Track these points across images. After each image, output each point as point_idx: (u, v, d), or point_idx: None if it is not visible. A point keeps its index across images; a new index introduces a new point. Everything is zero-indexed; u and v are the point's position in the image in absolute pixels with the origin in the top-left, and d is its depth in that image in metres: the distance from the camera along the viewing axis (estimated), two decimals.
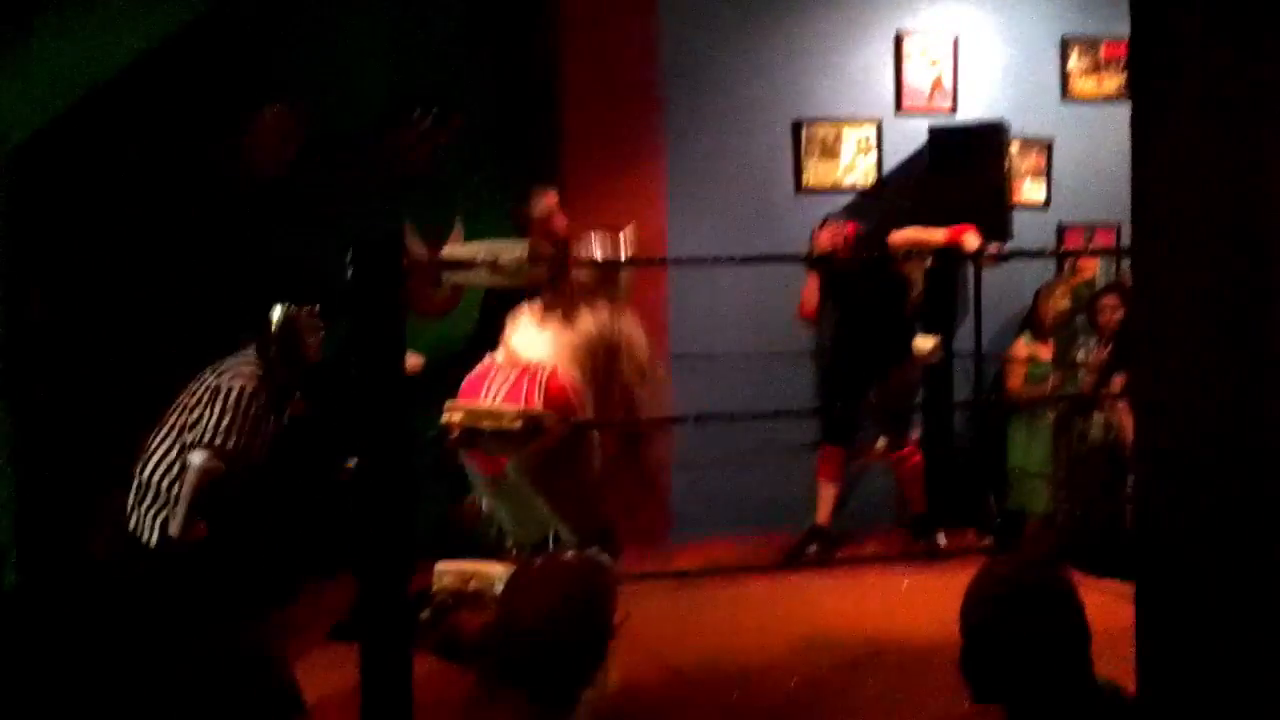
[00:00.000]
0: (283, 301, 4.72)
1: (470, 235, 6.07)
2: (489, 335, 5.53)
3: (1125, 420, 6.24)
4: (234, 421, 4.47)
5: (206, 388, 4.57)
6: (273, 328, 4.69)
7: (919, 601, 5.03)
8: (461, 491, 5.21)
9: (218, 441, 4.44)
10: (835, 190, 6.95)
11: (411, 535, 3.54)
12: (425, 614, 3.99)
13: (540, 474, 4.19)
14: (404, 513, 3.47)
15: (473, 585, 3.73)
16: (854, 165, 6.99)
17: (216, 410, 4.48)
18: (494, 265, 3.65)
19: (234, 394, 4.49)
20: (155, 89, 5.69)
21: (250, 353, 4.65)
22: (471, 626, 4.13)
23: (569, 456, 4.23)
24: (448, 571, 3.76)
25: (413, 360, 4.76)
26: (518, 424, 3.75)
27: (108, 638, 4.43)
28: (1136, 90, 3.12)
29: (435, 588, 3.76)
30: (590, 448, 4.30)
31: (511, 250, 3.67)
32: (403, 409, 3.64)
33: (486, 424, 3.76)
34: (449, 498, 5.44)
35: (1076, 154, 7.30)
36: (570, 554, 2.67)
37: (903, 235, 6.26)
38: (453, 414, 3.75)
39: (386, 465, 3.43)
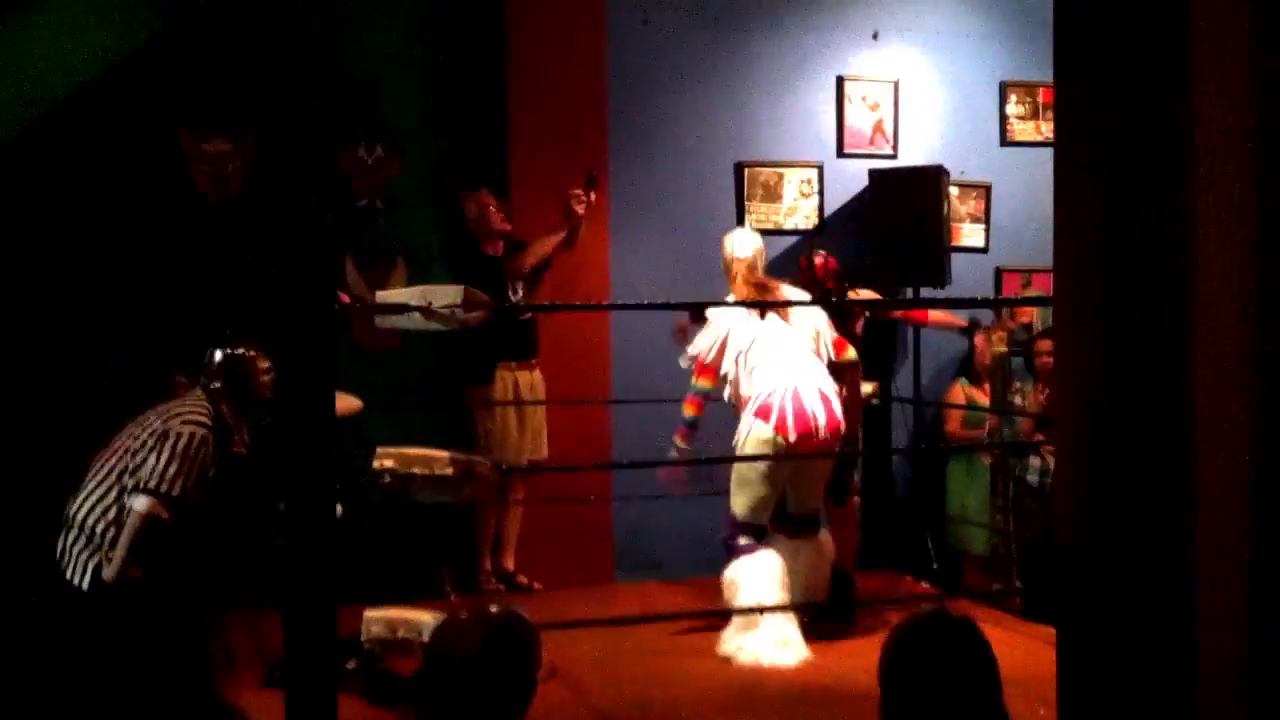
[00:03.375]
0: (224, 341, 4.64)
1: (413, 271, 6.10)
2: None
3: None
4: (181, 468, 4.36)
5: (152, 432, 4.45)
6: (220, 369, 4.59)
7: (855, 650, 5.01)
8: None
9: (164, 488, 4.33)
10: (778, 231, 6.99)
11: (336, 582, 3.49)
12: (352, 664, 3.94)
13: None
14: (328, 558, 3.42)
15: (401, 633, 3.69)
16: (796, 207, 7.04)
17: (164, 456, 4.36)
18: (427, 310, 3.62)
19: (184, 440, 4.38)
20: (106, 112, 5.64)
21: (197, 396, 4.54)
22: (400, 672, 4.09)
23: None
24: (376, 619, 3.71)
25: (351, 403, 4.71)
26: (449, 470, 3.73)
27: (39, 678, 4.35)
28: (1059, 132, 3.17)
29: (364, 636, 3.71)
30: None
31: (445, 295, 3.64)
32: (330, 451, 3.59)
33: (418, 469, 3.72)
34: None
35: (1015, 198, 7.38)
36: (495, 606, 2.66)
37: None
38: (384, 460, 3.72)
39: (311, 510, 3.38)
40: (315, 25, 6.19)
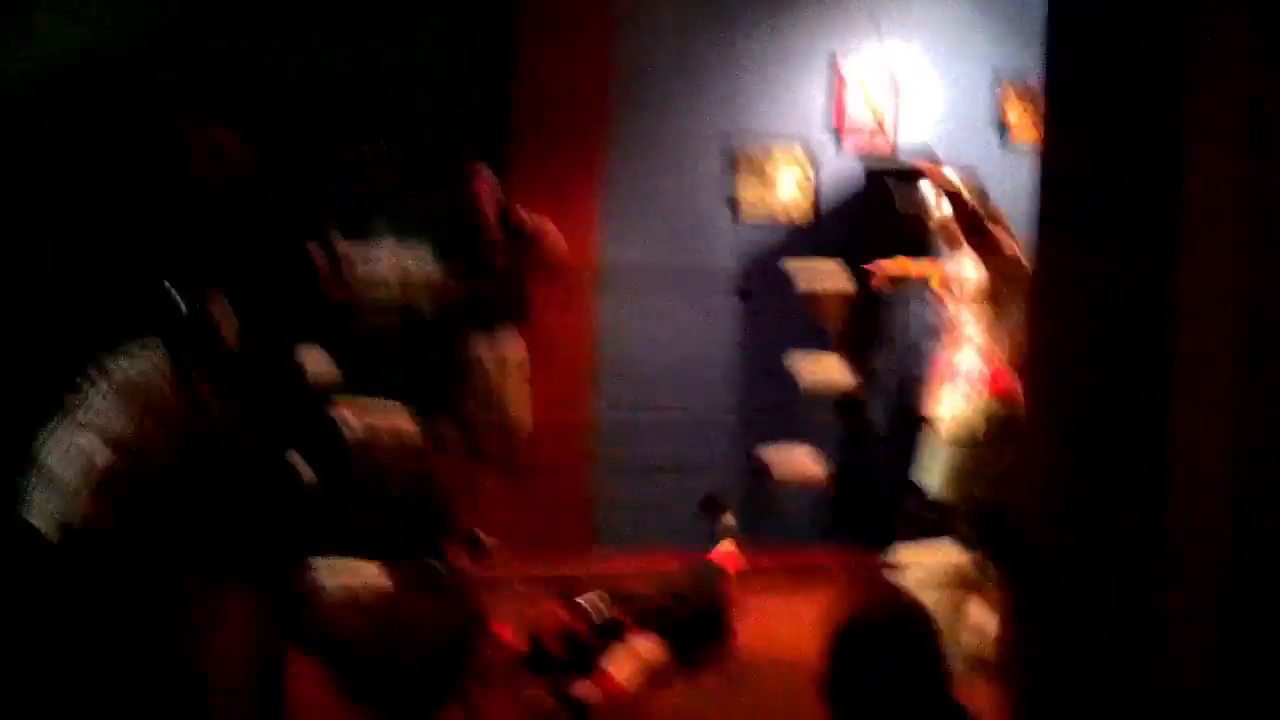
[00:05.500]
0: (188, 288, 4.69)
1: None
2: None
3: None
4: (129, 409, 4.42)
5: (104, 374, 4.51)
6: (180, 314, 4.64)
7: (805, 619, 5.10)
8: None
9: (114, 430, 4.39)
10: (771, 219, 7.07)
11: (294, 534, 3.59)
12: (304, 613, 4.04)
13: None
14: (288, 511, 3.53)
15: (350, 584, 3.77)
16: (790, 195, 7.11)
17: (114, 398, 4.42)
18: (405, 283, 3.71)
19: (132, 382, 4.44)
20: (108, 97, 5.77)
21: (154, 339, 4.60)
22: (343, 625, 4.19)
23: None
24: (325, 568, 3.79)
25: (325, 369, 4.83)
26: (416, 433, 3.81)
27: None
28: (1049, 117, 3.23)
29: (313, 587, 3.80)
30: None
31: (423, 269, 3.73)
32: (303, 406, 3.68)
33: (384, 428, 3.82)
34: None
35: (1010, 194, 7.39)
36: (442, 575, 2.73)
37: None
38: (349, 414, 3.82)
39: (274, 467, 3.48)
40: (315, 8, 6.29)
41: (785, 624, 5.04)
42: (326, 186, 6.05)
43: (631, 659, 4.45)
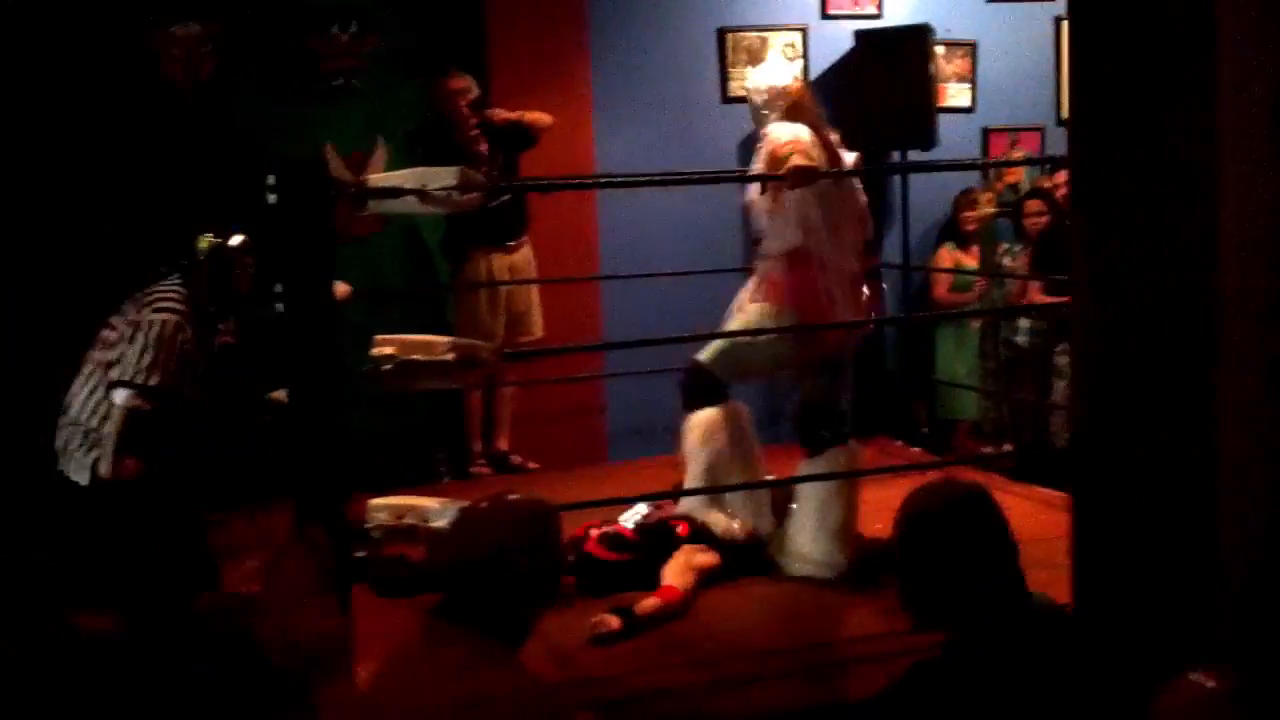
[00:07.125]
0: (208, 230, 4.57)
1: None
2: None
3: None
4: (157, 358, 4.35)
5: (129, 322, 4.43)
6: (200, 259, 4.54)
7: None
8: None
9: (141, 379, 4.32)
10: None
11: (345, 468, 3.48)
12: (361, 552, 3.94)
13: None
14: (337, 445, 3.41)
15: (407, 520, 3.65)
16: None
17: (139, 346, 4.35)
18: (423, 194, 3.53)
19: (156, 329, 4.35)
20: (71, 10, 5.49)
21: (174, 283, 4.49)
22: (406, 562, 4.09)
23: None
24: (381, 507, 3.67)
25: (341, 289, 4.66)
26: (451, 355, 3.67)
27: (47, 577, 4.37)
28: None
29: (370, 525, 3.67)
30: None
31: (441, 177, 3.55)
32: (334, 338, 3.56)
33: (419, 356, 3.66)
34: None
35: (1001, 56, 7.25)
36: (516, 494, 2.63)
37: None
38: (384, 348, 3.65)
39: (318, 397, 3.36)
40: None
41: None
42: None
43: (690, 569, 4.34)
